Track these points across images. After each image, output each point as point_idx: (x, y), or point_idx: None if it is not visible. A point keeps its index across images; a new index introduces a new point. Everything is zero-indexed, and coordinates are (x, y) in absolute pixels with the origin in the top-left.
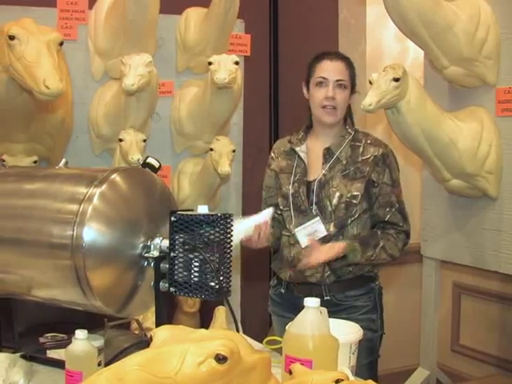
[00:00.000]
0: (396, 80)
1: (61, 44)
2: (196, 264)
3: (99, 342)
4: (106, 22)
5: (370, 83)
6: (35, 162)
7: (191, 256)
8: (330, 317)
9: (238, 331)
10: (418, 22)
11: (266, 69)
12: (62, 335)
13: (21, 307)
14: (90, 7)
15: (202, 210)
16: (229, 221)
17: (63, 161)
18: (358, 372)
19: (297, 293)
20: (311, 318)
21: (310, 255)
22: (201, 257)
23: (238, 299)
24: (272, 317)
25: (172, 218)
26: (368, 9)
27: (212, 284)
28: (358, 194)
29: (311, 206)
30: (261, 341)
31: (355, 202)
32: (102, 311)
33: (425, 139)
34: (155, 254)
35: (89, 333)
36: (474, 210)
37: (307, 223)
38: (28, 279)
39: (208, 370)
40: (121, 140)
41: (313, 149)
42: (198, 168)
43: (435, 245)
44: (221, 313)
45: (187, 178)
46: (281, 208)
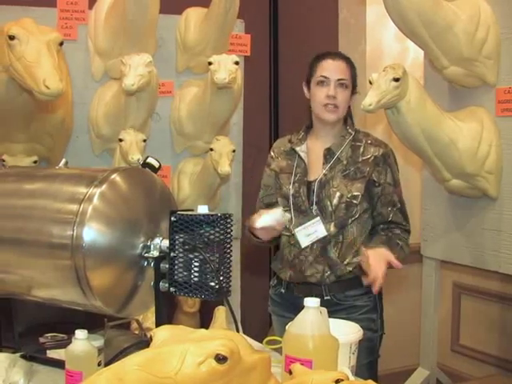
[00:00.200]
0: (396, 80)
1: (61, 44)
2: (196, 264)
3: (99, 342)
4: (106, 22)
5: (370, 83)
6: (35, 161)
7: (191, 256)
8: (329, 317)
9: (238, 331)
10: (418, 22)
11: (266, 69)
12: (62, 335)
13: (21, 307)
14: (90, 7)
15: (202, 209)
16: (229, 221)
17: (63, 161)
18: (358, 372)
19: (297, 293)
20: (311, 318)
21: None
22: (201, 257)
23: (238, 299)
24: (272, 317)
25: (172, 218)
26: (368, 9)
27: (212, 284)
28: (358, 194)
29: (311, 206)
30: (261, 341)
31: (356, 202)
32: (101, 311)
33: (425, 139)
34: (155, 254)
35: (89, 333)
36: (474, 210)
37: (307, 223)
38: (28, 279)
39: (208, 370)
40: (121, 140)
41: (313, 149)
42: (198, 168)
43: (435, 245)
44: (221, 313)
45: (187, 178)
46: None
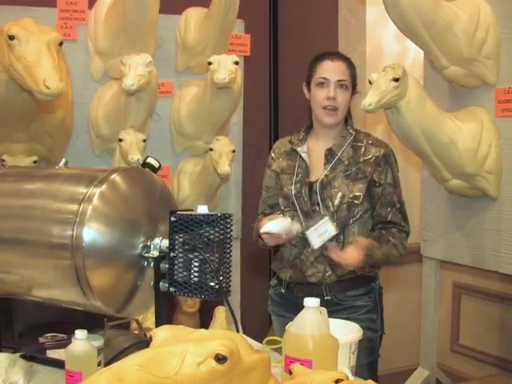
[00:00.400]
0: (396, 80)
1: (60, 44)
2: (196, 264)
3: (99, 342)
4: (105, 22)
5: (370, 83)
6: (35, 162)
7: (191, 256)
8: (330, 317)
9: (237, 331)
10: (418, 22)
11: (265, 69)
12: (62, 335)
13: (21, 307)
14: (90, 7)
15: (202, 209)
16: (228, 221)
17: (63, 161)
18: (358, 372)
19: (297, 293)
20: (311, 318)
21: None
22: (200, 257)
23: (238, 299)
24: (272, 317)
25: (172, 218)
26: (368, 9)
27: (212, 284)
28: (359, 194)
29: (313, 206)
30: (261, 341)
31: (357, 202)
32: (101, 311)
33: (425, 139)
34: (155, 253)
35: (89, 333)
36: (474, 210)
37: (317, 224)
38: (28, 279)
39: (208, 370)
40: (121, 140)
41: (314, 149)
42: (198, 168)
43: (435, 245)
44: (221, 313)
45: (187, 178)
46: (282, 208)
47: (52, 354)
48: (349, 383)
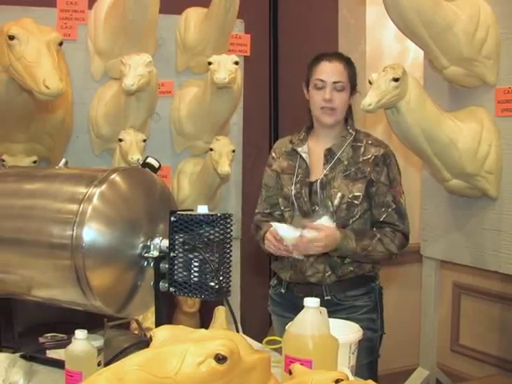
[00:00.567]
0: (396, 80)
1: (60, 44)
2: (196, 264)
3: (99, 342)
4: (105, 22)
5: (370, 83)
6: (35, 162)
7: (191, 256)
8: (330, 317)
9: (237, 331)
10: (418, 22)
11: (265, 69)
12: (62, 335)
13: (21, 307)
14: (90, 7)
15: (202, 209)
16: (228, 221)
17: (63, 161)
18: (358, 372)
19: (297, 293)
20: (311, 318)
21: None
22: (200, 257)
23: (238, 299)
24: (272, 317)
25: (172, 218)
26: (368, 9)
27: (212, 284)
28: (359, 194)
29: (313, 206)
30: (261, 341)
31: (357, 202)
32: (101, 311)
33: (425, 139)
34: (155, 253)
35: (88, 333)
36: (474, 210)
37: (317, 221)
38: (28, 279)
39: (208, 370)
40: (121, 140)
41: (314, 149)
42: (198, 168)
43: (435, 245)
44: (220, 313)
45: (187, 178)
46: (282, 208)
47: (52, 354)
48: (349, 383)
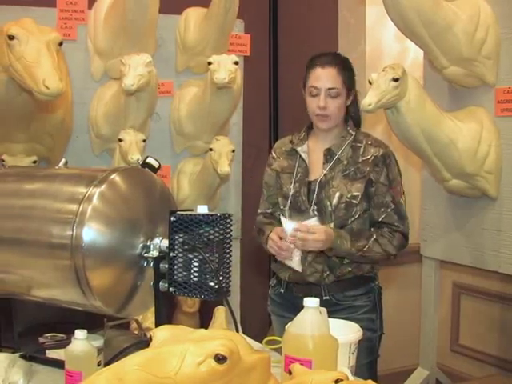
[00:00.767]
0: (395, 80)
1: (60, 44)
2: (195, 264)
3: (99, 342)
4: (105, 22)
5: (370, 83)
6: (35, 162)
7: (191, 256)
8: (329, 317)
9: (237, 331)
10: (418, 22)
11: (265, 69)
12: (62, 335)
13: (21, 307)
14: (90, 7)
15: (202, 209)
16: (228, 221)
17: (63, 161)
18: (358, 372)
19: (296, 293)
20: (311, 318)
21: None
22: (200, 257)
23: (238, 299)
24: (272, 317)
25: (171, 218)
26: (368, 9)
27: (211, 284)
28: (358, 194)
29: (311, 206)
30: (260, 341)
31: (355, 202)
32: (101, 311)
33: (424, 139)
34: (155, 253)
35: (88, 333)
36: (474, 210)
37: (305, 222)
38: (28, 279)
39: (207, 370)
40: (120, 140)
41: (314, 149)
42: (198, 168)
43: (435, 245)
44: (220, 313)
45: (187, 178)
46: (281, 208)
47: (52, 354)
48: (348, 383)
